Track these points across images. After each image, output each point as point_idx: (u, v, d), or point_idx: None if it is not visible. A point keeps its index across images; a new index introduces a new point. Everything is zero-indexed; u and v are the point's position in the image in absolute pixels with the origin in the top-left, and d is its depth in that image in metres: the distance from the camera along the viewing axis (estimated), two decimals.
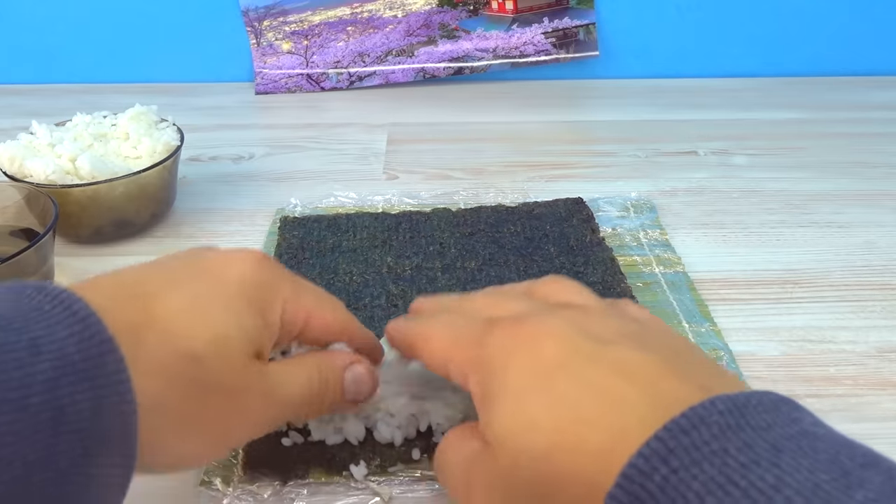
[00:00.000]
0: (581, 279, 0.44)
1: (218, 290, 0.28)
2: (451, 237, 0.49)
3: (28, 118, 0.52)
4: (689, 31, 0.78)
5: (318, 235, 0.49)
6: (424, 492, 0.32)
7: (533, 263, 0.46)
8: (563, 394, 0.24)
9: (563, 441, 0.23)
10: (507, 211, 0.52)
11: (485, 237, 0.49)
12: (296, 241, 0.49)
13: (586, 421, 0.23)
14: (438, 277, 0.45)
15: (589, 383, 0.24)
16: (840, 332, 0.42)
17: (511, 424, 0.24)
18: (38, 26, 0.76)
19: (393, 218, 0.51)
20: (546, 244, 0.48)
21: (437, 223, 0.51)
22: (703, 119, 0.70)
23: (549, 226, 0.50)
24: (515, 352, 0.26)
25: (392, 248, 0.48)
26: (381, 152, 0.64)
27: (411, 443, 0.34)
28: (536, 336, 0.26)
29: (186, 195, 0.57)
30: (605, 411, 0.23)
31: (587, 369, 0.24)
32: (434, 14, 0.76)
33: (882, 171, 0.60)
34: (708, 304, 0.44)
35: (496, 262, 0.47)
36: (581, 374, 0.24)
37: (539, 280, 0.32)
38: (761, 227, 0.52)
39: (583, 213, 0.51)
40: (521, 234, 0.49)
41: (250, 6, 0.76)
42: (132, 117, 0.52)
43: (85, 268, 0.48)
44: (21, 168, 0.47)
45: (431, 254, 0.47)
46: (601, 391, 0.24)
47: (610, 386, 0.24)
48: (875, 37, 0.78)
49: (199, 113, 0.72)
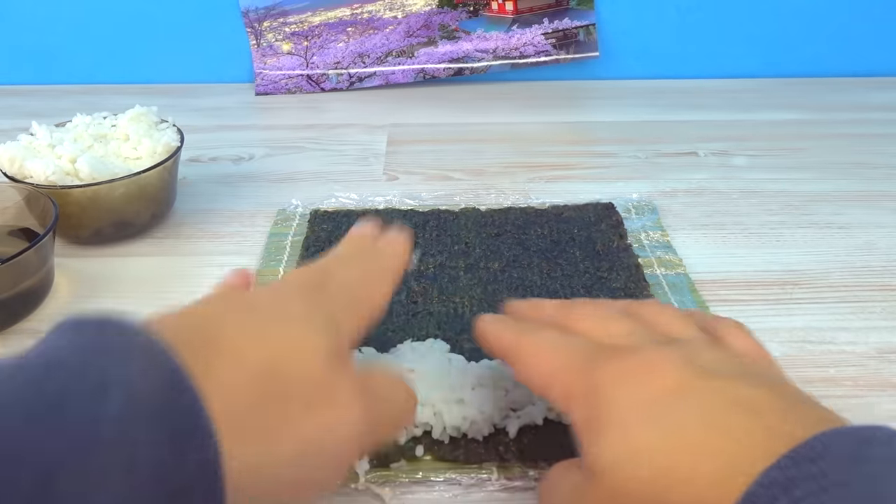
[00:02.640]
0: (604, 284, 0.44)
1: (277, 304, 0.27)
2: (476, 237, 0.49)
3: (28, 119, 0.52)
4: (689, 32, 0.78)
5: (347, 230, 0.49)
6: (424, 493, 0.32)
7: (557, 267, 0.46)
8: (674, 423, 0.24)
9: (675, 470, 0.23)
10: (535, 213, 0.52)
11: (510, 238, 0.49)
12: (324, 234, 0.50)
13: (699, 450, 0.23)
14: (461, 276, 0.45)
15: (701, 415, 0.24)
16: (840, 333, 0.42)
17: (620, 452, 0.24)
18: (37, 27, 0.76)
19: (421, 216, 0.52)
20: (572, 248, 0.48)
21: (465, 223, 0.51)
22: (703, 120, 0.70)
23: (577, 229, 0.50)
24: (626, 382, 0.26)
25: (418, 246, 0.48)
26: (382, 153, 0.64)
27: (416, 440, 0.34)
28: (648, 369, 0.26)
29: (186, 196, 0.57)
30: (718, 442, 0.23)
31: (699, 402, 0.24)
32: (434, 15, 0.76)
33: (882, 172, 0.60)
34: (708, 304, 0.44)
35: (520, 264, 0.47)
36: (693, 405, 0.24)
37: (640, 302, 0.32)
38: (761, 227, 0.52)
39: (612, 219, 0.51)
40: (547, 237, 0.49)
41: (250, 7, 0.76)
42: (132, 118, 0.53)
43: (85, 268, 0.48)
44: (21, 169, 0.47)
45: (456, 252, 0.48)
46: (714, 423, 0.24)
47: (723, 418, 0.24)
48: (875, 37, 0.78)
49: (199, 114, 0.72)
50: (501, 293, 0.44)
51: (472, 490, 0.32)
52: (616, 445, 0.25)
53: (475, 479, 0.33)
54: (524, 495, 0.32)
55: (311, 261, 0.46)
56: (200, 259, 0.49)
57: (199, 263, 0.49)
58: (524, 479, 0.32)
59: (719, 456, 0.23)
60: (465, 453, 0.33)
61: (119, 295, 0.46)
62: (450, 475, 0.33)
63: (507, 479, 0.32)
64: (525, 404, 0.34)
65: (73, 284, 0.47)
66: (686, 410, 0.24)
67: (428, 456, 0.33)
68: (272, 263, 0.48)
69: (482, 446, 0.33)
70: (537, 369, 0.29)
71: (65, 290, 0.46)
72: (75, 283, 0.47)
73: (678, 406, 0.24)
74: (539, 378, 0.29)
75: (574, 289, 0.44)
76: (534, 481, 0.32)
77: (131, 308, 0.44)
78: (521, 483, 0.32)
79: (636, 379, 0.26)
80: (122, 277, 0.47)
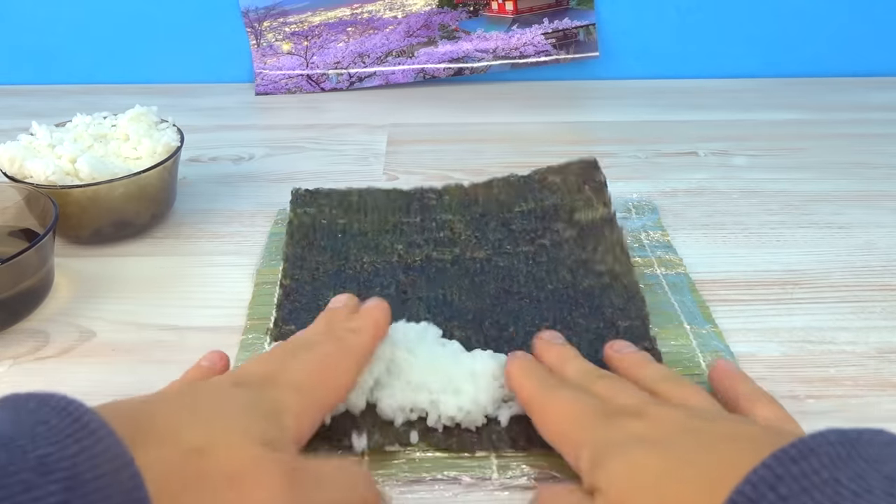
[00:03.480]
0: (590, 268, 0.45)
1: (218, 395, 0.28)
2: (461, 220, 0.49)
3: (28, 119, 0.52)
4: (689, 32, 0.78)
5: (330, 214, 0.50)
6: (424, 493, 0.32)
7: (542, 251, 0.47)
8: (672, 445, 0.27)
9: (668, 478, 0.25)
10: (518, 183, 0.52)
11: (495, 220, 0.49)
12: (308, 220, 0.50)
13: (688, 463, 0.26)
14: (448, 269, 0.46)
15: (692, 442, 0.27)
16: (840, 333, 0.42)
17: (622, 469, 0.27)
18: (37, 27, 0.76)
19: (404, 197, 0.52)
20: (556, 224, 0.48)
21: (449, 203, 0.51)
22: (703, 120, 0.70)
23: (561, 199, 0.50)
24: (631, 437, 0.28)
25: (403, 234, 0.48)
26: (382, 153, 0.64)
27: (410, 425, 0.34)
28: (653, 426, 0.29)
29: (186, 196, 0.57)
30: (710, 455, 0.25)
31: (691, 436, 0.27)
32: (434, 15, 0.76)
33: (882, 172, 0.60)
34: (708, 304, 0.44)
35: (505, 251, 0.47)
36: (686, 438, 0.27)
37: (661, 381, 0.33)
38: (761, 227, 0.52)
39: (595, 180, 0.51)
40: (531, 215, 0.49)
41: (250, 7, 0.76)
42: (132, 118, 0.53)
43: (85, 268, 0.48)
44: (21, 169, 0.47)
45: (442, 241, 0.48)
46: (708, 445, 0.26)
47: (717, 442, 0.26)
48: (875, 37, 0.78)
49: (199, 114, 0.72)
50: (488, 284, 0.44)
51: (472, 489, 0.32)
52: (619, 467, 0.27)
53: (475, 478, 0.33)
54: (524, 495, 0.32)
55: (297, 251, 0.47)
56: (200, 259, 0.49)
57: (199, 263, 0.49)
58: (524, 478, 0.33)
59: (709, 465, 0.25)
60: (458, 442, 0.34)
61: (119, 295, 0.46)
62: (450, 474, 0.33)
63: (508, 479, 0.32)
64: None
65: (73, 284, 0.47)
66: (682, 440, 0.27)
67: (422, 442, 0.34)
68: (272, 263, 0.48)
69: (475, 435, 0.34)
70: (553, 425, 0.31)
71: (65, 290, 0.46)
72: (75, 283, 0.47)
73: (674, 438, 0.27)
74: (553, 432, 0.31)
75: (560, 276, 0.45)
76: (533, 481, 0.32)
77: (131, 308, 0.44)
78: (521, 483, 0.32)
79: (639, 433, 0.28)
80: (122, 277, 0.47)
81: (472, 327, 0.41)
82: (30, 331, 0.43)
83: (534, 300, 0.43)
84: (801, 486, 0.20)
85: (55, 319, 0.43)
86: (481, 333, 0.40)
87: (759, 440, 0.25)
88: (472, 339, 0.40)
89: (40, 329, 0.43)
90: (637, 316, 0.41)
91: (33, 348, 0.41)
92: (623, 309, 0.42)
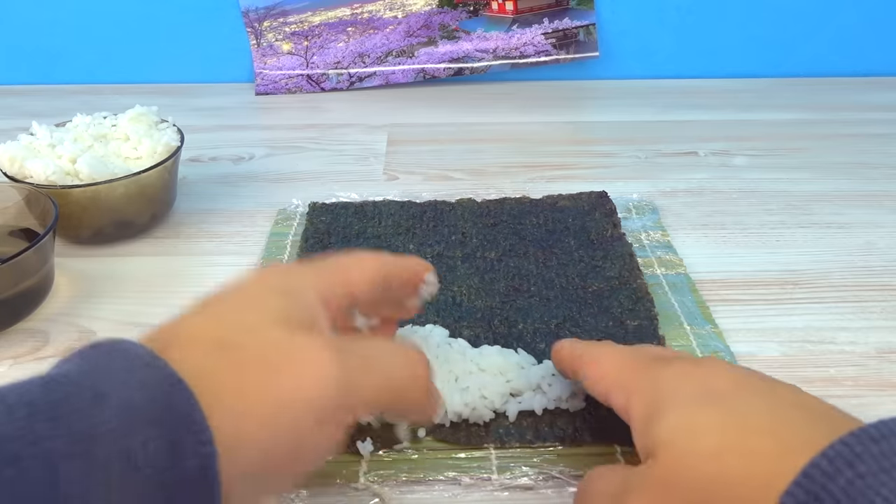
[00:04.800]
0: (599, 273, 0.45)
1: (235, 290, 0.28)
2: (473, 227, 0.50)
3: (28, 119, 0.52)
4: (689, 32, 0.78)
5: (345, 221, 0.51)
6: (424, 493, 0.32)
7: (552, 255, 0.47)
8: (732, 408, 0.25)
9: (732, 444, 0.24)
10: (531, 203, 0.53)
11: (507, 228, 0.50)
12: (322, 227, 0.50)
13: (754, 430, 0.24)
14: (458, 266, 0.46)
15: (757, 404, 0.26)
16: (840, 333, 0.42)
17: (679, 428, 0.25)
18: (38, 27, 0.76)
19: (418, 207, 0.52)
20: (567, 237, 0.49)
21: (462, 213, 0.52)
22: (703, 120, 0.70)
23: (572, 219, 0.51)
24: (688, 381, 0.27)
25: (415, 236, 0.49)
26: (382, 153, 0.64)
27: None
28: (710, 372, 0.28)
29: (187, 196, 0.57)
30: (773, 425, 0.24)
31: (756, 397, 0.26)
32: (434, 15, 0.76)
33: (882, 172, 0.60)
34: (708, 304, 0.44)
35: (516, 253, 0.47)
36: (750, 399, 0.26)
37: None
38: (761, 227, 0.52)
39: (606, 207, 0.52)
40: (542, 227, 0.50)
41: (250, 7, 0.76)
42: (132, 118, 0.53)
43: (85, 268, 0.48)
44: (21, 169, 0.47)
45: (453, 242, 0.48)
46: (769, 411, 0.25)
47: (777, 409, 0.25)
48: (875, 38, 0.78)
49: (200, 114, 0.72)
50: (498, 282, 0.45)
51: (472, 490, 0.32)
52: (677, 421, 0.26)
53: (475, 479, 0.33)
54: (524, 495, 0.32)
55: (310, 253, 0.47)
56: (200, 259, 0.49)
57: (199, 263, 0.49)
58: (524, 478, 0.33)
59: (773, 436, 0.24)
60: (466, 436, 0.34)
61: (119, 295, 0.46)
62: (450, 474, 0.33)
63: (507, 479, 0.32)
64: (525, 391, 0.35)
65: (73, 284, 0.47)
66: (746, 399, 0.26)
67: (429, 437, 0.34)
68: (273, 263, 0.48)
69: (483, 429, 0.34)
70: (603, 370, 0.31)
71: (65, 290, 0.46)
72: (75, 283, 0.47)
73: (735, 397, 0.26)
74: (604, 378, 0.31)
75: (569, 277, 0.45)
76: (533, 481, 0.32)
77: (131, 308, 0.44)
78: (521, 483, 0.32)
79: (698, 380, 0.27)
80: (122, 277, 0.47)
81: (482, 325, 0.41)
82: (30, 331, 0.43)
83: (543, 298, 0.43)
84: (881, 466, 0.20)
85: (55, 319, 0.44)
86: (490, 331, 0.41)
87: (828, 414, 0.25)
88: (480, 336, 0.40)
89: (40, 329, 0.43)
90: (646, 316, 0.42)
91: (33, 348, 0.41)
92: (632, 309, 0.42)
